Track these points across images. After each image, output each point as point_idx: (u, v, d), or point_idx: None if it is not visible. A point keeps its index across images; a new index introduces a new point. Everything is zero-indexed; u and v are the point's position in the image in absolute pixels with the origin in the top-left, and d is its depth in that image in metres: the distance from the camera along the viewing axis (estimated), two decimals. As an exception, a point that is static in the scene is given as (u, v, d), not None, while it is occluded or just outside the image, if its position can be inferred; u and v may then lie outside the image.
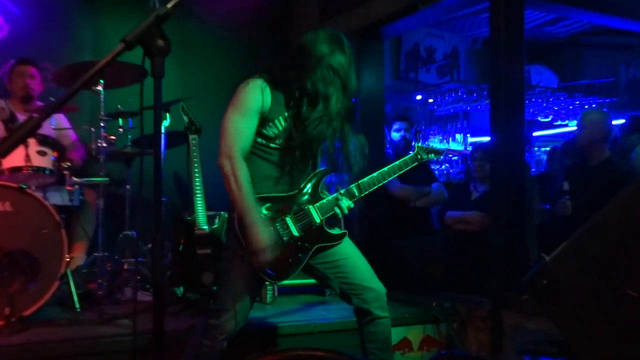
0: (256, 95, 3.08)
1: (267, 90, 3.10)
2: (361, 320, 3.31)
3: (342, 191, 3.25)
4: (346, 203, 3.22)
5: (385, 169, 3.35)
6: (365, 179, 3.28)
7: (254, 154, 3.15)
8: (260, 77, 3.13)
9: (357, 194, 3.26)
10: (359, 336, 3.36)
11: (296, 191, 3.21)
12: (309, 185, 3.24)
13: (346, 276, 3.26)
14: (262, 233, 3.02)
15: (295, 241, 3.16)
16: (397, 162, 3.40)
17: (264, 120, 3.11)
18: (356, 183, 3.26)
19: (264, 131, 3.13)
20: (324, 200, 3.23)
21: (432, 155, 3.54)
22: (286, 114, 3.13)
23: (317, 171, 3.28)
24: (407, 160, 3.44)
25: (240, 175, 3.01)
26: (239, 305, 3.17)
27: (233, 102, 3.11)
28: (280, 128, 3.13)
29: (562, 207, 5.22)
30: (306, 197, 3.22)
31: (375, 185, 3.30)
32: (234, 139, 3.05)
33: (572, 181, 5.33)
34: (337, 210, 3.21)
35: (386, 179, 3.34)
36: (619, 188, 1.94)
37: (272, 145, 3.16)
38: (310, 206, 3.20)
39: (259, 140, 3.15)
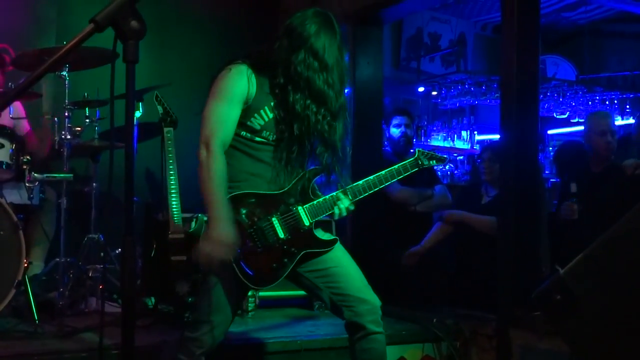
0: (241, 82, 3.12)
1: (253, 77, 3.13)
2: (353, 336, 3.31)
3: (339, 191, 3.26)
4: (346, 203, 3.24)
5: (383, 172, 3.37)
6: (360, 182, 3.30)
7: (237, 149, 3.18)
8: (244, 62, 3.17)
9: (350, 198, 3.27)
10: (350, 354, 3.35)
11: (284, 190, 3.22)
12: (298, 185, 3.25)
13: (338, 286, 3.26)
14: (225, 229, 3.01)
15: (281, 244, 3.17)
16: (395, 166, 3.42)
17: (249, 110, 3.14)
18: (349, 186, 3.28)
19: (249, 123, 3.15)
20: (314, 202, 3.24)
21: (433, 162, 3.56)
22: (272, 103, 3.17)
23: (307, 170, 3.30)
24: (406, 165, 3.46)
25: (215, 166, 3.04)
26: (219, 316, 3.17)
27: (214, 90, 3.14)
28: (267, 119, 3.16)
29: (567, 210, 5.25)
30: (295, 197, 3.23)
31: (371, 190, 3.32)
32: (214, 129, 3.08)
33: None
34: (336, 210, 3.24)
35: (383, 184, 3.36)
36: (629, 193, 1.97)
37: (257, 139, 3.18)
38: (300, 207, 3.21)
39: (243, 133, 3.18)
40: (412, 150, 6.19)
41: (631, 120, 8.10)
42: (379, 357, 3.32)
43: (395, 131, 6.16)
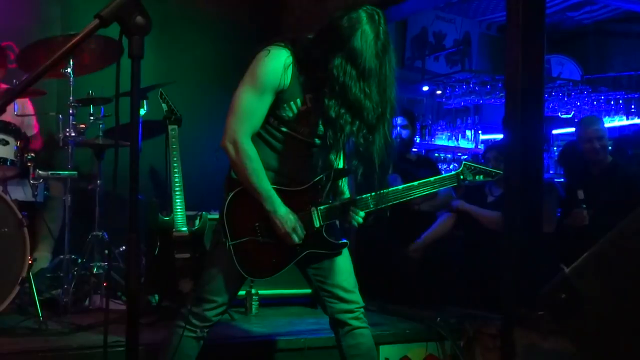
0: (277, 70, 3.00)
1: (291, 67, 3.01)
2: (338, 334, 3.31)
3: (355, 199, 3.17)
4: (360, 214, 3.17)
5: (415, 183, 3.24)
6: (387, 190, 3.15)
7: (260, 137, 3.11)
8: (286, 48, 3.03)
9: (371, 207, 3.17)
10: (339, 354, 3.33)
11: (300, 188, 3.16)
12: (317, 184, 3.16)
13: (326, 281, 3.26)
14: (285, 217, 3.05)
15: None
16: (431, 178, 3.27)
17: (280, 100, 3.04)
18: (373, 193, 3.13)
19: (277, 112, 3.07)
20: (329, 205, 3.17)
21: (479, 177, 3.33)
22: (305, 96, 3.06)
23: (330, 170, 3.18)
24: (445, 178, 3.32)
25: (249, 162, 3.01)
26: (220, 298, 3.19)
27: (250, 74, 3.04)
28: (296, 111, 3.06)
29: (577, 217, 5.30)
30: (311, 197, 3.16)
31: (397, 200, 3.20)
32: (243, 119, 3.02)
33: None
34: (348, 219, 3.17)
35: (411, 196, 3.24)
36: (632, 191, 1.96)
37: (283, 128, 3.11)
38: (313, 208, 3.15)
39: (271, 120, 3.10)
40: (414, 150, 6.16)
41: (637, 120, 8.08)
42: (367, 351, 3.30)
43: (390, 132, 6.08)
